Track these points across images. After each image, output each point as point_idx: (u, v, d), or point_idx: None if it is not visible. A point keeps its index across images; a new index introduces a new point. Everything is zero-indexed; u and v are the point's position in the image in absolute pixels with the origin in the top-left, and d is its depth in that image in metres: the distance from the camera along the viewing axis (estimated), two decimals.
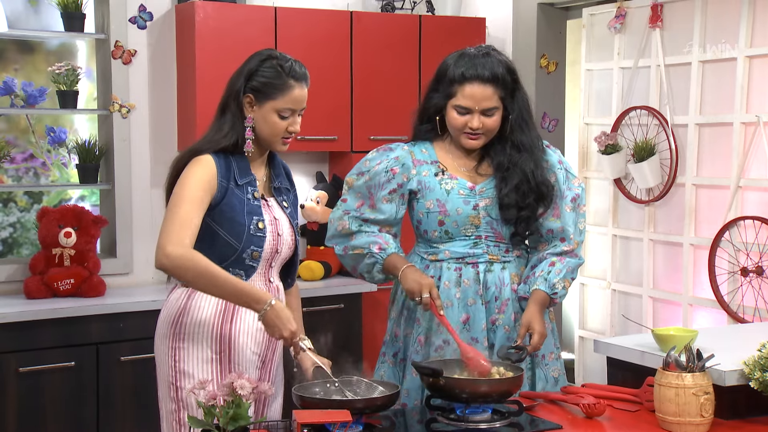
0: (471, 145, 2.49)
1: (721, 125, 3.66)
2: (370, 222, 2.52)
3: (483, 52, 2.47)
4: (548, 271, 2.49)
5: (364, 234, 2.51)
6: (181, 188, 2.20)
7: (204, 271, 2.12)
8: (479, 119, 2.44)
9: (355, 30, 4.15)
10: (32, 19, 3.96)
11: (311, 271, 4.06)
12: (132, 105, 3.97)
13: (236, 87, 2.25)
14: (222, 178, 2.22)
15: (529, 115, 2.51)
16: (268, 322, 2.13)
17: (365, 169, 2.55)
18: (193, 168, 2.21)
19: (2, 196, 3.98)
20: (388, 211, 2.51)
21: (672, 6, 3.85)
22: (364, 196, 2.53)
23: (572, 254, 2.54)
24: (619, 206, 4.11)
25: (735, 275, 3.58)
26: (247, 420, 1.86)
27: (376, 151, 2.58)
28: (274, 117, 2.25)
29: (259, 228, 2.24)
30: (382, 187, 2.51)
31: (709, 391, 2.07)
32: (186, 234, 2.13)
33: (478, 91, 2.42)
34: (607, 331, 4.16)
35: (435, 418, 2.16)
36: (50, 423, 3.43)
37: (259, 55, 2.29)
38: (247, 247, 2.23)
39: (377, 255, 2.48)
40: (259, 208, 2.27)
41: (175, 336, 2.26)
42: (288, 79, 2.25)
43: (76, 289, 3.65)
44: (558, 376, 2.54)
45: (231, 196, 2.23)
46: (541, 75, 4.38)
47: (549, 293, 2.47)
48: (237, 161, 2.26)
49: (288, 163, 4.20)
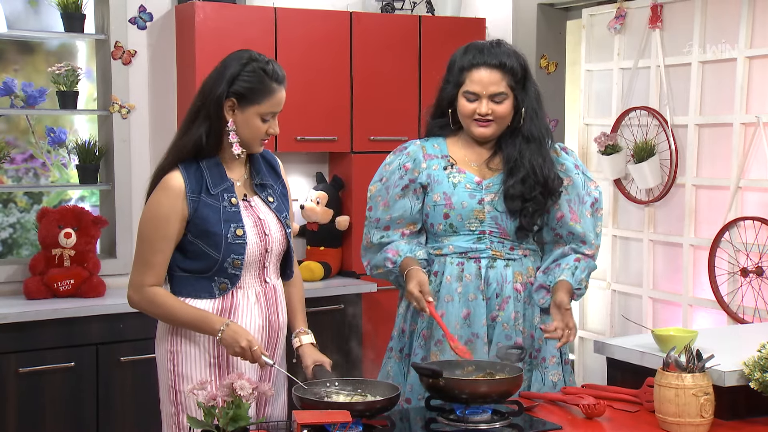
0: (481, 133, 2.50)
1: (721, 126, 3.66)
2: (392, 226, 2.55)
3: (493, 42, 2.51)
4: (575, 267, 2.50)
5: (377, 249, 2.56)
6: (144, 224, 2.24)
7: (160, 309, 2.23)
8: (488, 105, 2.45)
9: (355, 30, 4.15)
10: (32, 20, 3.96)
11: (311, 272, 4.06)
12: (132, 105, 3.97)
13: (217, 91, 2.21)
14: (191, 193, 2.21)
15: (539, 107, 2.53)
16: (226, 341, 2.18)
17: (384, 174, 2.59)
18: (157, 197, 2.22)
19: (2, 197, 3.98)
20: (401, 207, 2.53)
21: (672, 6, 3.85)
22: (382, 200, 2.57)
23: (592, 258, 2.56)
24: (619, 207, 4.11)
25: (735, 276, 3.58)
26: (246, 420, 1.86)
27: (392, 153, 2.61)
28: (257, 121, 2.23)
29: (238, 235, 2.22)
30: (396, 184, 2.54)
31: (709, 392, 2.07)
32: (147, 276, 2.23)
33: (485, 75, 2.45)
34: (606, 331, 4.16)
35: (435, 419, 2.16)
36: (50, 423, 3.43)
37: (238, 58, 2.24)
38: (227, 256, 2.22)
39: (392, 270, 2.52)
40: (238, 214, 2.25)
41: (173, 339, 2.26)
42: (271, 83, 2.23)
43: (75, 289, 3.65)
44: (557, 381, 2.53)
45: (202, 208, 2.21)
46: (541, 75, 4.38)
47: (574, 286, 2.48)
48: (210, 168, 2.24)
49: (288, 163, 4.25)
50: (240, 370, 2.25)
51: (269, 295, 2.31)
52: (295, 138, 4.05)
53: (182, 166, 2.22)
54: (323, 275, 4.09)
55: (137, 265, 2.26)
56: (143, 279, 2.23)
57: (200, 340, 2.24)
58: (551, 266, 2.53)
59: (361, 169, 4.16)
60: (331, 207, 4.20)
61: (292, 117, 3.99)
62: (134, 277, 2.25)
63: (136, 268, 2.26)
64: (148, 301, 2.24)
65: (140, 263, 2.25)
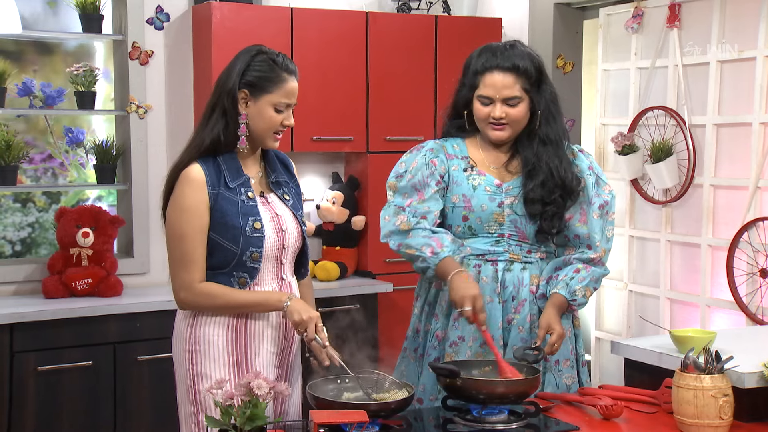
0: (496, 136, 2.49)
1: (740, 125, 3.63)
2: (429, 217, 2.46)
3: (508, 45, 2.49)
4: (571, 277, 2.47)
5: (420, 232, 2.44)
6: (176, 221, 2.22)
7: (220, 302, 2.22)
8: (501, 108, 2.44)
9: (371, 30, 4.15)
10: (51, 21, 3.98)
11: (327, 272, 4.07)
12: (149, 106, 3.99)
13: (229, 84, 2.23)
14: (211, 185, 2.21)
15: (556, 109, 2.51)
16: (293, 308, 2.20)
17: (403, 171, 2.54)
18: (181, 189, 2.22)
19: (21, 197, 4.01)
20: (437, 203, 2.48)
21: (690, 6, 3.83)
22: (411, 194, 2.50)
23: (599, 263, 2.52)
24: (636, 207, 4.09)
25: (753, 276, 3.55)
26: (263, 420, 1.86)
27: (409, 152, 2.58)
28: (270, 111, 2.24)
29: (256, 228, 2.23)
30: (427, 180, 2.49)
31: (728, 393, 2.05)
32: (193, 274, 2.21)
33: (498, 79, 2.43)
34: (623, 332, 4.14)
35: (451, 419, 2.16)
36: (67, 421, 3.45)
37: (247, 51, 2.26)
38: (246, 249, 2.22)
39: (429, 260, 2.41)
40: (255, 208, 2.25)
41: (191, 339, 2.26)
42: (282, 72, 2.24)
43: (93, 288, 3.67)
44: (571, 384, 2.52)
45: (221, 201, 2.22)
46: (558, 75, 4.36)
47: (568, 299, 2.45)
48: (227, 163, 2.25)
49: (303, 163, 4.26)
50: (258, 369, 2.25)
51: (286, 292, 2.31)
52: (311, 138, 4.05)
53: (200, 161, 2.23)
54: (339, 275, 4.09)
55: (180, 265, 2.22)
56: (192, 277, 2.21)
57: (218, 340, 2.25)
58: (552, 274, 2.51)
59: (377, 169, 4.16)
60: (347, 207, 4.20)
61: (308, 117, 4.00)
62: (182, 278, 2.22)
63: (180, 269, 2.22)
64: (204, 295, 2.21)
65: (183, 262, 2.21)
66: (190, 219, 2.20)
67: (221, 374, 2.23)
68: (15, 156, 3.69)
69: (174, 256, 2.23)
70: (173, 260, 2.24)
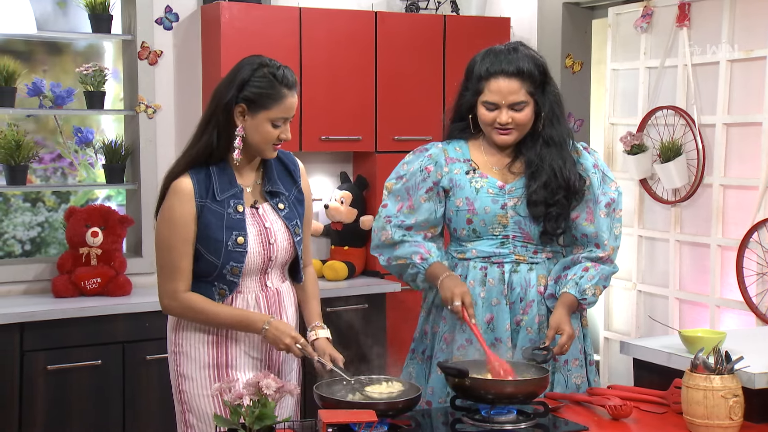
0: (503, 141, 2.49)
1: (750, 125, 3.62)
2: (414, 228, 2.52)
3: (510, 48, 2.47)
4: (580, 276, 2.46)
5: (407, 244, 2.51)
6: (163, 231, 2.25)
7: (200, 314, 2.25)
8: (507, 114, 2.44)
9: (380, 30, 4.15)
10: (60, 21, 4.00)
11: (335, 272, 4.07)
12: (158, 105, 4.00)
13: (226, 98, 2.22)
14: (199, 197, 2.22)
15: (560, 110, 2.50)
16: (270, 339, 2.23)
17: (403, 173, 2.56)
18: (170, 201, 2.24)
19: (30, 196, 4.02)
20: (427, 210, 2.51)
21: (699, 5, 3.81)
22: (403, 198, 2.54)
23: (608, 261, 2.51)
24: (645, 207, 4.08)
25: (763, 276, 3.54)
26: (273, 419, 1.87)
27: (412, 153, 2.59)
28: (267, 126, 2.23)
29: (238, 243, 2.23)
30: (419, 186, 2.51)
31: (738, 394, 2.04)
32: (177, 283, 2.24)
33: (504, 85, 2.42)
34: (632, 332, 4.13)
35: (460, 419, 2.16)
36: (77, 420, 3.46)
37: (249, 63, 2.25)
38: (227, 263, 2.24)
39: (419, 265, 2.48)
40: (242, 222, 2.25)
41: (176, 341, 2.31)
42: (282, 89, 2.23)
43: (102, 288, 3.68)
44: (580, 384, 2.51)
45: (207, 213, 2.23)
46: (567, 75, 4.35)
47: (578, 298, 2.45)
48: (219, 173, 2.25)
49: (311, 163, 4.26)
50: (238, 371, 2.27)
51: (271, 299, 2.32)
52: (319, 138, 4.06)
53: (191, 172, 2.24)
54: (347, 275, 4.09)
55: (165, 274, 2.26)
56: (176, 286, 2.25)
57: (199, 343, 2.28)
58: (560, 274, 2.51)
59: (386, 168, 4.15)
60: (356, 207, 4.20)
61: (317, 117, 4.00)
62: (166, 286, 2.26)
63: (165, 277, 2.26)
64: (185, 307, 2.25)
65: (168, 271, 2.25)
66: (177, 230, 2.23)
67: (202, 376, 2.27)
68: (25, 156, 3.71)
69: (160, 264, 2.27)
70: (160, 268, 2.28)
